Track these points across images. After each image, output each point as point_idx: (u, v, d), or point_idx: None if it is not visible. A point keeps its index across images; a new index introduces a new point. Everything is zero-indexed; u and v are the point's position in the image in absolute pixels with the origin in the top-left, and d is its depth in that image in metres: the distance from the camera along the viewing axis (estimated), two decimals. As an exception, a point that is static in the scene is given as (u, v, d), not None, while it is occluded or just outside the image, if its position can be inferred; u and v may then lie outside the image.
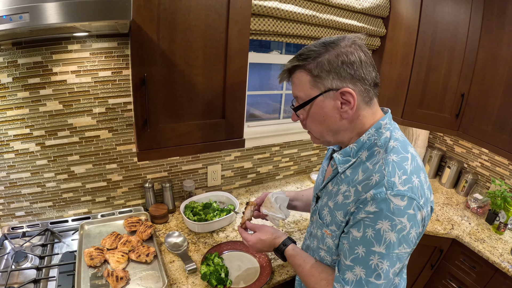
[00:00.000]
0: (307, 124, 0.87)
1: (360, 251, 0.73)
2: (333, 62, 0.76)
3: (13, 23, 0.68)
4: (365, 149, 0.80)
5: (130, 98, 1.38)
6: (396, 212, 0.69)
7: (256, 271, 1.23)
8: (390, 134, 0.79)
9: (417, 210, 0.70)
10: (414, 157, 0.77)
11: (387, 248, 0.70)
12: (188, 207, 1.52)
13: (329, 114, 0.80)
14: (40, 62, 1.19)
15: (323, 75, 0.77)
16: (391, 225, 0.69)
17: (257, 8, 1.38)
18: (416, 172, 0.74)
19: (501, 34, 1.49)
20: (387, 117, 0.82)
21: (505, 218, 1.61)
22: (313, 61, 0.77)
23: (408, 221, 0.69)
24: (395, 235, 0.69)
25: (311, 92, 0.79)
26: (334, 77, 0.76)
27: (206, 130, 1.23)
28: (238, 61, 1.20)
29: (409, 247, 0.73)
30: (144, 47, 1.02)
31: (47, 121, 1.28)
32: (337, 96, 0.77)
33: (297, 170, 2.13)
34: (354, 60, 0.75)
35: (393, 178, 0.71)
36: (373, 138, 0.79)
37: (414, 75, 1.72)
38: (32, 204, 1.36)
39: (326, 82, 0.77)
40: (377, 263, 0.71)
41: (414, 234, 0.72)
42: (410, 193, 0.70)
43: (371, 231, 0.71)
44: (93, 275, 1.12)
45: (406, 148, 0.77)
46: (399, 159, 0.74)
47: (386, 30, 1.87)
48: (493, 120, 1.58)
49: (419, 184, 0.72)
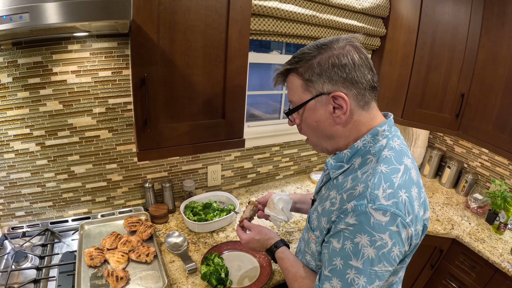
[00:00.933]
0: (302, 129, 0.84)
1: (338, 263, 0.70)
2: (324, 64, 0.73)
3: (13, 23, 0.68)
4: (359, 156, 0.76)
5: (130, 98, 1.38)
6: (376, 228, 0.65)
7: (256, 271, 1.23)
8: (386, 143, 0.74)
9: (401, 227, 0.66)
10: (407, 170, 0.71)
11: (365, 263, 0.67)
12: (188, 207, 1.52)
13: (322, 119, 0.77)
14: (40, 62, 1.19)
15: (314, 78, 0.74)
16: (370, 241, 0.65)
17: (257, 8, 1.38)
18: (406, 187, 0.68)
19: (501, 34, 1.49)
20: (387, 123, 0.78)
21: (505, 218, 1.61)
22: (304, 64, 0.75)
23: (390, 238, 0.65)
24: (374, 251, 0.65)
25: (303, 96, 0.77)
26: (325, 81, 0.73)
27: (206, 130, 1.23)
28: (238, 61, 1.20)
29: (390, 266, 0.68)
30: (144, 47, 1.02)
31: (47, 121, 1.28)
32: (329, 100, 0.74)
33: (297, 170, 2.13)
34: (346, 63, 0.72)
35: (377, 191, 0.66)
36: (368, 145, 0.76)
37: (414, 75, 1.72)
38: (32, 204, 1.36)
39: (317, 86, 0.74)
40: (354, 277, 0.68)
41: (397, 253, 0.67)
42: (394, 209, 0.65)
43: (350, 244, 0.68)
44: (93, 275, 1.12)
45: (401, 159, 0.72)
46: (388, 170, 0.69)
47: (386, 30, 1.87)
48: (493, 120, 1.58)
49: (407, 200, 0.67)
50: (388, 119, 0.80)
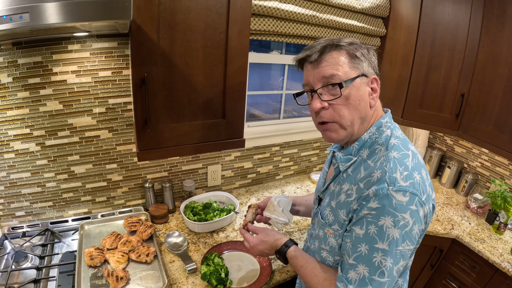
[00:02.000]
0: (337, 109, 0.77)
1: (363, 249, 0.72)
2: (365, 50, 0.80)
3: (13, 23, 0.68)
4: (366, 148, 0.80)
5: (130, 98, 1.38)
6: (398, 208, 0.68)
7: (256, 271, 1.23)
8: (391, 132, 0.80)
9: (419, 206, 0.70)
10: (415, 155, 0.77)
11: (390, 244, 0.69)
12: (188, 207, 1.52)
13: (364, 98, 0.78)
14: (40, 62, 1.19)
15: (362, 58, 0.78)
16: (393, 221, 0.68)
17: (257, 8, 1.38)
18: (418, 169, 0.74)
19: (501, 34, 1.49)
20: (388, 116, 0.83)
21: (505, 218, 1.61)
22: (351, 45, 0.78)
23: (410, 217, 0.69)
24: (398, 231, 0.69)
25: (351, 73, 0.77)
26: (368, 64, 0.79)
27: (206, 130, 1.23)
28: (238, 61, 1.20)
29: (412, 244, 0.72)
30: (144, 47, 1.02)
31: (47, 121, 1.28)
32: (369, 82, 0.79)
33: (297, 170, 2.13)
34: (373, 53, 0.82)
35: (395, 174, 0.71)
36: (374, 136, 0.80)
37: (414, 75, 1.72)
38: (32, 204, 1.36)
39: (362, 67, 0.78)
40: (381, 260, 0.70)
41: (417, 231, 0.72)
42: (412, 189, 0.70)
43: (374, 228, 0.70)
44: (93, 275, 1.12)
45: (407, 146, 0.78)
46: (400, 156, 0.74)
47: (386, 30, 1.87)
48: (493, 120, 1.57)
49: (420, 181, 0.72)
50: (388, 111, 0.86)
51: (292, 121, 1.99)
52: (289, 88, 1.92)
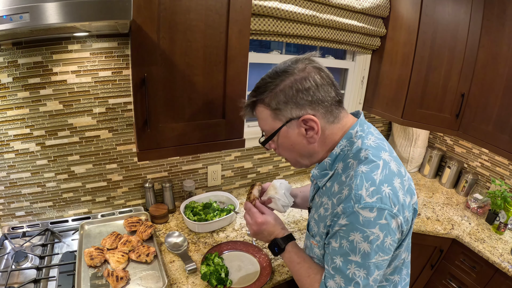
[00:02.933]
0: (280, 153, 0.88)
1: (338, 261, 0.75)
2: (288, 92, 0.76)
3: (13, 23, 0.68)
4: (340, 161, 0.81)
5: (130, 98, 1.38)
6: (366, 224, 0.70)
7: (256, 271, 1.23)
8: (362, 142, 0.78)
9: (390, 218, 0.70)
10: (386, 164, 0.75)
11: (363, 257, 0.71)
12: (188, 207, 1.52)
13: (296, 141, 0.81)
14: (40, 62, 1.19)
15: (281, 106, 0.77)
16: (363, 237, 0.70)
17: (257, 8, 1.38)
18: (388, 180, 0.72)
19: (501, 34, 1.49)
20: (358, 123, 0.81)
21: (505, 218, 1.61)
22: (269, 94, 0.78)
23: (380, 231, 0.70)
24: (369, 245, 0.70)
25: (274, 125, 0.81)
26: (293, 107, 0.77)
27: (206, 130, 1.23)
28: (238, 61, 1.20)
29: (386, 255, 0.73)
30: (144, 47, 1.02)
31: (47, 121, 1.28)
32: (300, 123, 0.78)
33: (297, 170, 2.12)
34: (309, 86, 0.76)
35: (360, 191, 0.71)
36: (346, 149, 0.80)
37: (414, 75, 1.72)
38: (32, 204, 1.36)
39: (286, 113, 0.78)
40: (354, 272, 0.73)
41: (390, 242, 0.72)
42: (379, 204, 0.70)
43: (346, 243, 0.73)
44: (93, 275, 1.12)
45: (379, 155, 0.76)
46: (368, 169, 0.73)
47: (386, 30, 1.87)
48: (493, 120, 1.58)
49: (390, 193, 0.71)
50: (359, 118, 0.84)
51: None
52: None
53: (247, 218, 1.00)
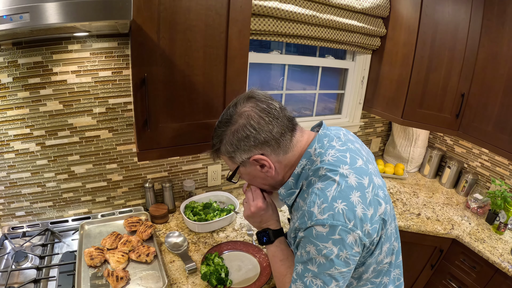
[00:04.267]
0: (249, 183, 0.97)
1: (299, 268, 0.78)
2: (233, 142, 0.82)
3: (14, 23, 0.68)
4: (304, 179, 0.84)
5: (130, 98, 1.38)
6: (319, 238, 0.72)
7: (256, 271, 1.23)
8: (320, 160, 0.80)
9: (344, 234, 0.71)
10: (343, 179, 0.75)
11: (319, 268, 0.74)
12: (188, 207, 1.52)
13: (256, 175, 0.88)
14: (40, 62, 1.19)
15: (232, 154, 0.85)
16: (316, 250, 0.73)
17: (257, 8, 1.38)
18: (342, 196, 0.73)
19: (501, 34, 1.49)
20: (316, 140, 0.82)
21: (505, 218, 1.61)
22: (220, 144, 0.86)
23: (334, 245, 0.71)
24: (323, 258, 0.73)
25: (233, 166, 0.89)
26: (241, 153, 0.83)
27: (206, 130, 1.23)
28: (238, 61, 1.20)
29: (344, 267, 0.73)
30: (144, 47, 1.02)
31: (47, 121, 1.28)
32: (252, 163, 0.84)
33: (297, 170, 2.12)
34: (248, 134, 0.79)
35: (312, 208, 0.74)
36: (307, 167, 0.82)
37: (414, 75, 1.72)
38: (32, 204, 1.36)
39: (237, 158, 0.85)
40: (311, 279, 0.75)
41: (346, 255, 0.72)
42: (331, 221, 0.71)
43: (304, 253, 0.76)
44: (93, 275, 1.12)
45: (336, 170, 0.76)
46: (323, 186, 0.75)
47: (386, 30, 1.87)
48: (493, 120, 1.58)
49: (344, 209, 0.72)
50: (318, 134, 0.84)
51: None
52: (289, 88, 1.92)
53: (249, 197, 0.97)
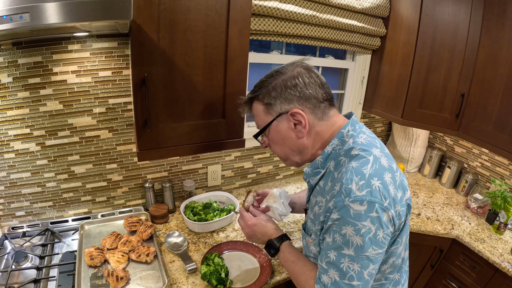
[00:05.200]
0: (271, 148, 0.93)
1: (332, 255, 0.76)
2: (278, 88, 0.84)
3: (14, 23, 0.68)
4: (332, 159, 0.84)
5: (130, 98, 1.38)
6: (357, 217, 0.71)
7: (256, 271, 1.23)
8: (353, 141, 0.81)
9: (381, 212, 0.71)
10: (376, 159, 0.77)
11: (355, 250, 0.73)
12: (188, 207, 1.52)
13: (286, 136, 0.86)
14: (41, 62, 1.19)
15: (272, 101, 0.85)
16: (354, 230, 0.72)
17: (257, 8, 1.38)
18: (378, 175, 0.74)
19: (501, 34, 1.49)
20: (350, 123, 0.84)
21: (505, 218, 1.61)
22: (263, 90, 0.86)
23: (372, 223, 0.71)
24: (361, 238, 0.71)
25: (266, 119, 0.88)
26: (282, 102, 0.84)
27: (206, 130, 1.23)
28: (238, 61, 1.20)
29: (380, 248, 0.74)
30: (144, 47, 1.02)
31: (47, 121, 1.28)
32: (289, 118, 0.84)
33: (297, 170, 2.12)
34: (296, 83, 0.83)
35: (350, 185, 0.73)
36: (337, 148, 0.84)
37: (414, 75, 1.72)
38: (32, 204, 1.36)
39: (276, 108, 0.85)
40: (348, 265, 0.74)
41: (383, 235, 0.73)
42: (369, 197, 0.71)
43: (339, 237, 0.74)
44: (93, 275, 1.12)
45: (369, 151, 0.78)
46: (359, 164, 0.76)
47: (386, 30, 1.87)
48: (493, 120, 1.58)
49: (380, 187, 0.72)
50: (350, 119, 0.87)
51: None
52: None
53: (240, 222, 1.05)
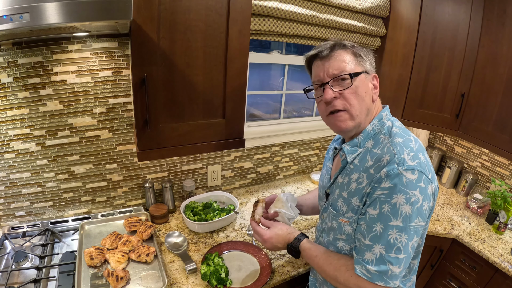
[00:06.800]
0: (348, 99, 0.85)
1: (378, 228, 0.76)
2: (366, 52, 0.90)
3: (14, 23, 0.68)
4: (371, 138, 0.88)
5: (130, 98, 1.38)
6: (409, 186, 0.74)
7: (256, 271, 1.23)
8: (392, 123, 0.88)
9: (427, 183, 0.76)
10: (416, 139, 0.84)
11: (404, 220, 0.74)
12: (188, 207, 1.52)
13: (368, 92, 0.88)
14: (41, 62, 1.19)
15: (364, 58, 0.89)
16: (405, 198, 0.73)
17: (257, 8, 1.38)
18: (421, 151, 0.81)
19: (501, 34, 1.49)
20: (387, 110, 0.93)
21: (505, 218, 1.61)
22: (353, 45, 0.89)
23: (420, 193, 0.74)
24: (410, 207, 0.73)
25: (357, 68, 0.87)
26: (370, 62, 0.90)
27: (206, 130, 1.23)
28: (238, 61, 1.20)
29: (423, 220, 0.76)
30: (145, 47, 1.02)
31: (47, 121, 1.28)
32: (371, 79, 0.89)
33: (297, 170, 2.13)
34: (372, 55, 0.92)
35: (403, 155, 0.77)
36: (376, 128, 0.88)
37: (414, 75, 1.72)
38: (32, 204, 1.36)
39: (365, 64, 0.88)
40: (396, 236, 0.74)
41: (427, 207, 0.76)
42: (419, 168, 0.75)
43: (387, 207, 0.75)
44: (93, 275, 1.12)
45: (408, 133, 0.86)
46: (404, 140, 0.81)
47: (386, 30, 1.87)
48: (493, 120, 1.58)
49: (425, 161, 0.79)
50: (387, 106, 0.95)
51: (292, 121, 1.99)
52: (289, 88, 1.92)
53: (257, 238, 1.05)
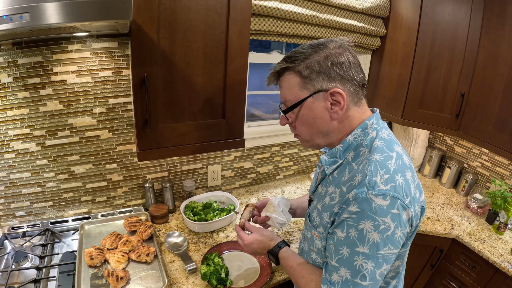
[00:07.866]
0: (296, 127, 0.85)
1: (345, 252, 0.72)
2: (323, 63, 0.76)
3: (14, 23, 0.68)
4: (352, 150, 0.80)
5: (130, 98, 1.38)
6: (378, 212, 0.67)
7: (256, 271, 1.23)
8: (376, 134, 0.78)
9: (401, 209, 0.69)
10: (399, 156, 0.75)
11: (371, 248, 0.69)
12: (188, 207, 1.52)
13: (319, 115, 0.79)
14: (41, 62, 1.19)
15: (313, 76, 0.77)
16: (373, 225, 0.68)
17: (257, 8, 1.38)
18: (401, 171, 0.72)
19: (501, 34, 1.49)
20: (374, 117, 0.82)
21: (505, 218, 1.61)
22: (302, 63, 0.77)
23: (392, 221, 0.68)
24: (379, 235, 0.68)
25: (301, 94, 0.79)
26: (324, 78, 0.76)
27: (206, 130, 1.23)
28: (238, 61, 1.20)
29: (395, 248, 0.71)
30: (145, 47, 1.02)
31: (47, 121, 1.28)
32: (327, 96, 0.77)
33: (297, 170, 2.13)
34: (343, 61, 0.76)
35: (375, 177, 0.69)
36: (359, 138, 0.79)
37: (414, 75, 1.72)
38: (32, 204, 1.36)
39: (315, 83, 0.77)
40: (361, 263, 0.70)
41: (400, 235, 0.70)
42: (392, 192, 0.68)
43: (354, 231, 0.70)
44: (93, 275, 1.12)
45: (392, 147, 0.76)
46: (382, 158, 0.72)
47: (386, 30, 1.87)
48: (493, 120, 1.58)
49: (403, 183, 0.70)
50: (376, 112, 0.84)
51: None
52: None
53: (239, 241, 1.06)
